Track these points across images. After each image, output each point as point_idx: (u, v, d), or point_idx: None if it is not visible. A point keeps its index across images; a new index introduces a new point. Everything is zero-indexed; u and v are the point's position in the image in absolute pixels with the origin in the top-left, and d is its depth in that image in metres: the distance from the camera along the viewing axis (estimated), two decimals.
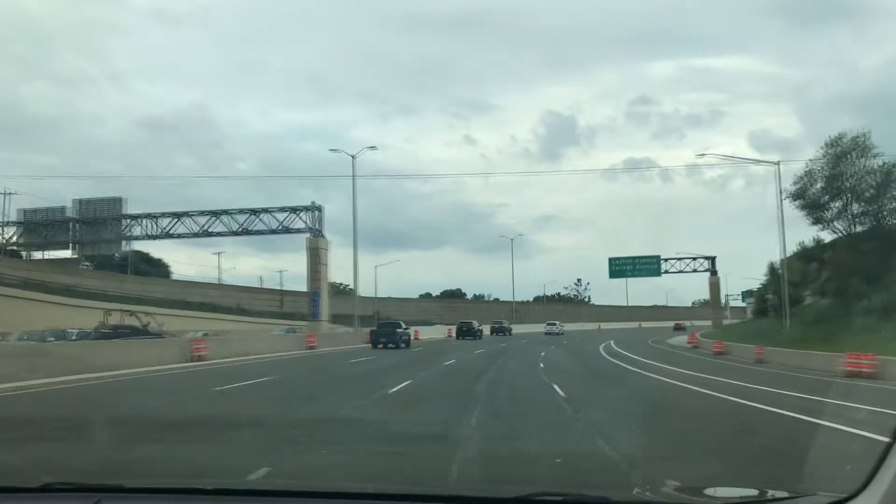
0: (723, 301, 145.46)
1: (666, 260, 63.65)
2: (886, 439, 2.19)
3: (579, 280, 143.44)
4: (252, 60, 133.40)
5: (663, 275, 63.84)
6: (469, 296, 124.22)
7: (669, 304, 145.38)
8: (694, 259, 63.09)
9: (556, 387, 16.18)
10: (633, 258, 63.51)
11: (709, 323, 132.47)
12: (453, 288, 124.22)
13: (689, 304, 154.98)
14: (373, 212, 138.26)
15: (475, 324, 59.33)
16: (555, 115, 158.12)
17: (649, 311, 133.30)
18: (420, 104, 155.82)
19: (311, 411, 12.39)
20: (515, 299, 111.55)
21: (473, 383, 17.22)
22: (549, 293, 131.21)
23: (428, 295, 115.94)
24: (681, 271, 63.26)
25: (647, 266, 62.88)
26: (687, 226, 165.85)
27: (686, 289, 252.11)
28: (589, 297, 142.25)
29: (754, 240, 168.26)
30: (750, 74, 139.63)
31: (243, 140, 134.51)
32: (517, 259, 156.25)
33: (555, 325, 76.84)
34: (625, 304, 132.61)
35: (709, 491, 3.30)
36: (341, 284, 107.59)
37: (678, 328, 78.91)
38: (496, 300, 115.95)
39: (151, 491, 2.63)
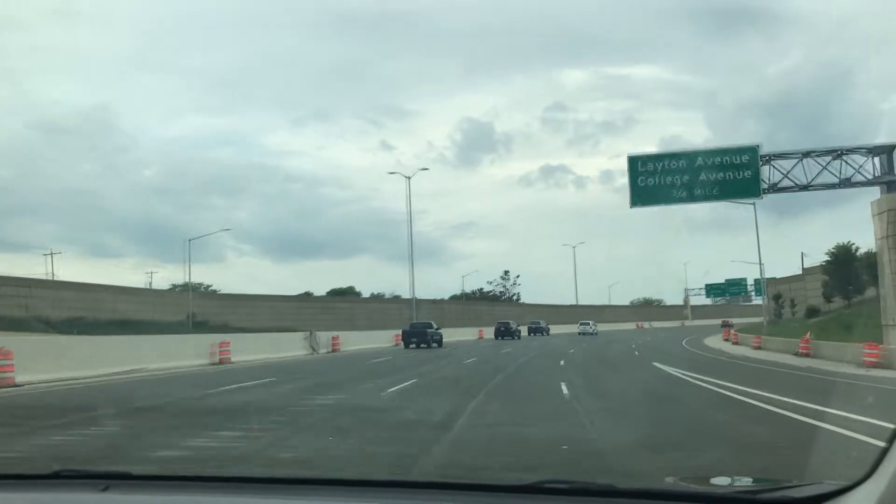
0: (684, 298, 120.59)
1: (771, 160, 24.25)
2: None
3: (507, 273, 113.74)
4: (159, 62, 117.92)
5: (765, 196, 24.57)
6: (366, 294, 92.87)
7: (613, 303, 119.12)
8: (839, 156, 23.46)
9: None
10: (691, 155, 24.59)
11: (676, 324, 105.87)
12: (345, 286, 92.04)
13: (628, 303, 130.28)
14: (284, 218, 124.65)
15: (513, 324, 59.95)
16: (472, 122, 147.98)
17: (587, 310, 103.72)
18: (335, 109, 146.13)
19: None
20: (428, 298, 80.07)
21: None
22: (468, 290, 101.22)
23: (308, 294, 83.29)
24: (807, 186, 23.87)
25: (733, 176, 23.60)
26: None
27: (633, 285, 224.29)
28: (518, 295, 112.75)
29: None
30: (661, 82, 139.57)
31: (150, 145, 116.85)
32: (433, 265, 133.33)
33: (588, 324, 72.84)
34: (563, 304, 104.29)
35: (714, 480, 3.12)
36: (201, 284, 73.75)
37: (726, 325, 70.69)
38: (396, 297, 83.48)
39: (158, 478, 2.59)
